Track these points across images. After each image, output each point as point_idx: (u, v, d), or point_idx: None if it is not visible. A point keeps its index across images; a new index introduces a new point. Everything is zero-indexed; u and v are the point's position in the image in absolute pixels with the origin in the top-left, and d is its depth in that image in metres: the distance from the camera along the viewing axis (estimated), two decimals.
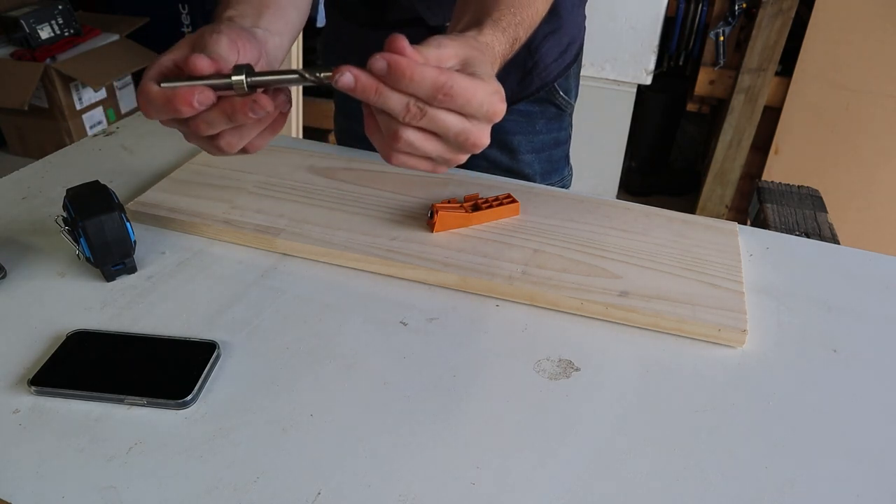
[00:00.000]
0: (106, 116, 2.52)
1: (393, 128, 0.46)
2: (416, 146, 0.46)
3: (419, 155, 0.48)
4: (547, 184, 0.91)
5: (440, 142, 0.47)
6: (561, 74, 0.85)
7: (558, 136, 0.91)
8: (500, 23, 0.55)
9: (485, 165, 0.87)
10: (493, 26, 0.54)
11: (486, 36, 0.53)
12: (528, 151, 0.89)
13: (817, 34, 1.85)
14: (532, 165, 0.90)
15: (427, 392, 0.49)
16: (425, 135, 0.46)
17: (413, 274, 0.61)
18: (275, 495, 0.41)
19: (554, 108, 0.88)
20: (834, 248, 0.70)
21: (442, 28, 0.76)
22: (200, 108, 0.46)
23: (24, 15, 2.26)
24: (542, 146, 0.90)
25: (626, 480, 0.43)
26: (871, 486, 0.44)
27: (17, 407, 0.47)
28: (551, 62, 0.83)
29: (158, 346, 0.52)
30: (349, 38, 0.91)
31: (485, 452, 0.45)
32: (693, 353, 0.54)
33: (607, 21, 1.95)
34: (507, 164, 0.89)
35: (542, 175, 0.92)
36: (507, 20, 0.55)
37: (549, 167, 0.93)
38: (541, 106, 0.87)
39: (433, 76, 0.43)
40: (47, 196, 0.72)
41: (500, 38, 0.54)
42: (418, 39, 0.51)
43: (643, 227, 0.67)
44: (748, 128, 2.03)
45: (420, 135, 0.46)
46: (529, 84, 0.83)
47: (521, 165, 0.90)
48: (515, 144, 0.88)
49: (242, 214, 0.66)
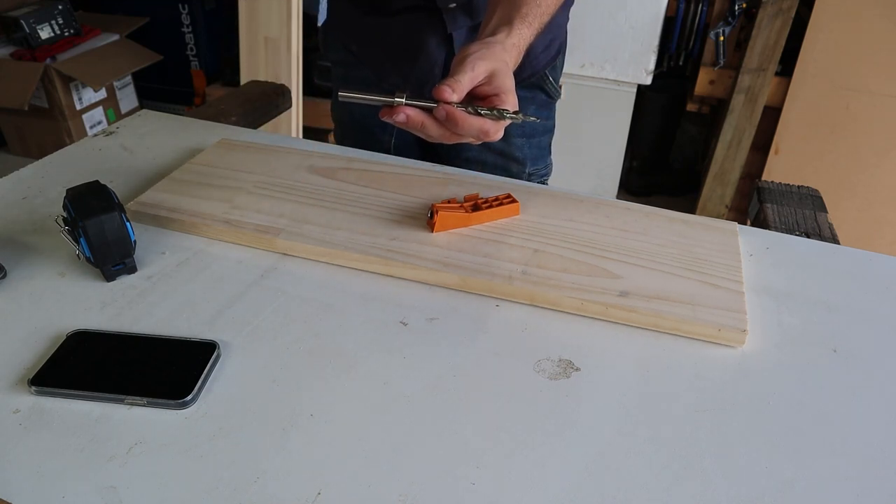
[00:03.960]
0: (106, 116, 2.52)
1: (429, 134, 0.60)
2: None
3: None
4: (534, 168, 0.98)
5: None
6: (548, 65, 0.93)
7: (546, 123, 0.98)
8: (528, 18, 0.64)
9: (477, 147, 0.94)
10: (520, 22, 0.63)
11: (515, 36, 0.62)
12: (519, 136, 0.95)
13: (817, 34, 1.85)
14: (522, 149, 0.96)
15: (427, 392, 0.49)
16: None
17: (413, 274, 0.60)
18: (275, 495, 0.41)
19: (544, 94, 0.95)
20: (834, 248, 0.70)
21: (448, 8, 0.82)
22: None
23: (24, 15, 2.26)
24: (533, 131, 0.96)
25: (626, 480, 0.43)
26: (871, 486, 0.44)
27: (17, 407, 0.47)
28: (540, 52, 0.90)
29: (158, 346, 0.52)
30: (353, 26, 0.91)
31: (485, 452, 0.45)
32: (693, 353, 0.54)
33: (607, 21, 1.95)
34: (500, 147, 0.95)
35: (532, 160, 0.98)
36: (534, 13, 0.65)
37: (538, 153, 0.99)
38: (531, 92, 0.94)
39: (478, 125, 0.58)
40: (47, 196, 0.72)
41: (526, 32, 0.64)
42: (423, 25, 0.69)
43: (643, 227, 0.67)
44: (748, 128, 2.03)
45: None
46: (521, 71, 0.90)
47: (513, 149, 0.95)
48: (507, 127, 0.91)
49: (242, 214, 0.66)
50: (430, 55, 0.86)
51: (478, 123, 0.58)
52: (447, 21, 0.83)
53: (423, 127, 0.58)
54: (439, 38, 0.85)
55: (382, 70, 0.92)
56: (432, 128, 0.58)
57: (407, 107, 0.57)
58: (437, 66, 0.87)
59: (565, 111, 2.03)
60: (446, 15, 0.83)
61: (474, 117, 0.58)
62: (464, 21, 0.84)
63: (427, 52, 0.86)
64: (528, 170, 0.98)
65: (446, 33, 0.84)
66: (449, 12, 0.82)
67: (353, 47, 0.93)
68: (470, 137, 0.59)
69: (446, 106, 0.56)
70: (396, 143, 0.99)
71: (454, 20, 0.83)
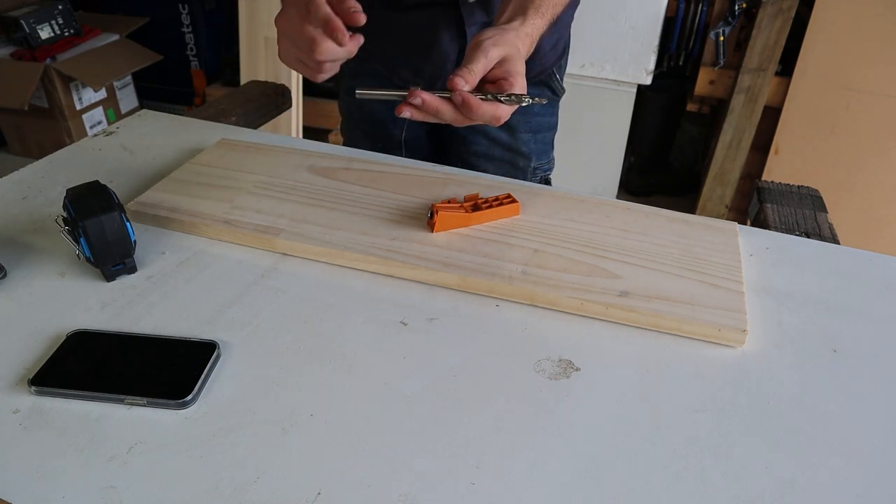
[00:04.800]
0: (106, 116, 2.52)
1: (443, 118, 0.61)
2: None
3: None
4: (539, 163, 1.00)
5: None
6: (555, 63, 0.95)
7: (551, 120, 1.00)
8: (541, 9, 0.67)
9: (486, 142, 0.96)
10: (534, 12, 0.66)
11: (528, 25, 0.65)
12: (525, 131, 0.96)
13: (817, 34, 1.85)
14: (528, 144, 0.98)
15: (427, 392, 0.49)
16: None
17: (413, 274, 0.60)
18: (275, 495, 0.41)
19: (550, 91, 0.97)
20: (834, 248, 0.70)
21: (466, 3, 0.83)
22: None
23: (24, 15, 2.26)
24: (539, 127, 0.98)
25: (627, 480, 0.43)
26: (871, 486, 0.44)
27: (17, 407, 0.47)
28: (548, 51, 0.92)
29: (158, 346, 0.52)
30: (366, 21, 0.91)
31: (485, 452, 0.45)
32: (693, 353, 0.54)
33: (607, 21, 1.94)
34: (507, 142, 0.96)
35: (537, 154, 1.00)
36: (546, 4, 0.68)
37: (543, 147, 1.00)
38: (539, 89, 0.96)
39: (491, 111, 0.60)
40: (47, 196, 0.72)
41: (538, 22, 0.67)
42: (438, 19, 0.75)
43: (643, 227, 0.67)
44: (748, 128, 2.03)
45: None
46: (531, 68, 0.93)
47: (519, 143, 0.97)
48: (514, 123, 0.95)
49: (242, 214, 0.66)
50: (444, 50, 0.86)
51: (491, 109, 0.60)
52: (465, 16, 0.83)
53: (437, 112, 0.60)
54: (454, 33, 0.85)
55: (393, 65, 0.92)
56: (447, 112, 0.60)
57: (423, 91, 0.59)
58: (449, 62, 0.87)
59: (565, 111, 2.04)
60: (464, 9, 0.82)
61: (488, 103, 0.60)
62: (480, 16, 0.84)
63: (440, 46, 0.86)
64: (534, 164, 0.99)
65: (461, 28, 0.84)
66: (467, 7, 0.82)
67: (364, 43, 0.93)
68: (483, 121, 0.61)
69: (462, 92, 0.58)
70: (407, 137, 0.99)
71: (471, 15, 0.83)
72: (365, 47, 0.64)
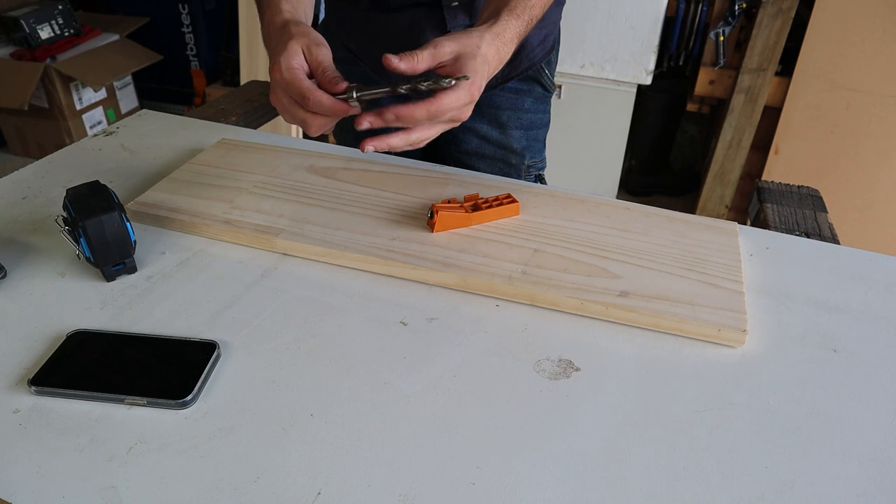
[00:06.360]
0: (106, 116, 2.52)
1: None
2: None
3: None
4: (532, 160, 0.99)
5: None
6: (543, 58, 0.94)
7: (542, 117, 0.99)
8: (515, 10, 0.67)
9: (476, 140, 0.95)
10: (508, 14, 0.66)
11: (500, 25, 0.64)
12: (516, 127, 0.96)
13: (817, 34, 1.85)
14: (520, 141, 0.97)
15: (427, 392, 0.49)
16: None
17: (413, 274, 0.60)
18: (275, 495, 0.41)
19: (540, 87, 0.96)
20: (834, 248, 0.70)
21: (450, 6, 0.83)
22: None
23: (24, 15, 2.26)
24: (530, 124, 0.97)
25: (626, 480, 0.43)
26: (871, 486, 0.44)
27: (17, 407, 0.47)
28: (536, 45, 0.92)
29: (158, 346, 0.52)
30: (352, 24, 0.91)
31: (485, 452, 0.45)
32: (693, 353, 0.54)
33: (607, 21, 1.94)
34: (497, 139, 0.96)
35: (530, 152, 0.99)
36: (521, 6, 0.67)
37: (536, 145, 1.00)
38: (528, 85, 0.95)
39: (424, 113, 0.58)
40: (47, 196, 0.72)
41: (513, 23, 0.66)
42: (422, 20, 0.71)
43: (643, 227, 0.67)
44: (748, 128, 2.03)
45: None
46: (518, 64, 0.92)
47: (511, 140, 0.96)
48: (505, 120, 0.95)
49: (242, 214, 0.66)
50: None
51: (423, 111, 0.58)
52: (448, 18, 0.83)
53: (398, 119, 0.58)
54: (437, 35, 0.85)
55: (381, 66, 0.92)
56: (408, 119, 0.58)
57: (367, 115, 0.58)
58: None
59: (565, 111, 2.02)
60: (447, 12, 0.83)
61: (419, 106, 0.57)
62: (463, 19, 0.84)
63: None
64: (527, 161, 0.99)
65: (445, 30, 0.84)
66: (450, 10, 0.83)
67: (351, 45, 0.93)
68: (439, 124, 0.60)
69: (393, 108, 0.58)
70: None
71: (454, 17, 0.83)
72: (354, 51, 0.64)
